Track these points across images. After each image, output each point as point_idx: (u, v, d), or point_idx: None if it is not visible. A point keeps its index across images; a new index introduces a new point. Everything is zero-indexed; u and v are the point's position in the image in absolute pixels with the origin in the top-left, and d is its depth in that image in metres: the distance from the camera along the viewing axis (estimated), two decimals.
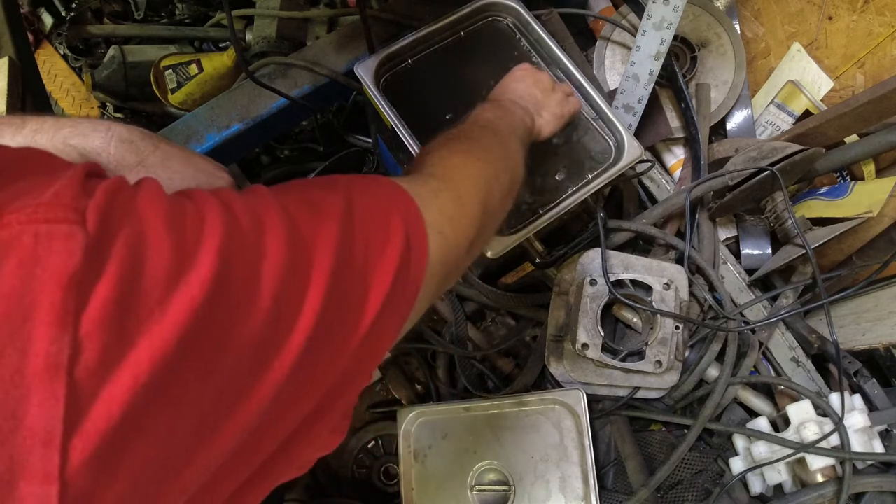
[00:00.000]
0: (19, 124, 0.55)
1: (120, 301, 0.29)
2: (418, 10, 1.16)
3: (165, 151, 0.61)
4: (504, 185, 0.61)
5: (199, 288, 0.31)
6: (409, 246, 0.46)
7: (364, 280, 0.42)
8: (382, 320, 0.43)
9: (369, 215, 0.45)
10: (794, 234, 1.06)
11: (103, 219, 0.30)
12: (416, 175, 0.55)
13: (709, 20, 1.24)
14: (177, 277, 0.31)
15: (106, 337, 0.28)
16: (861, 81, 1.26)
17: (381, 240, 0.44)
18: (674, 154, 1.24)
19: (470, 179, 0.56)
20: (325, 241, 0.40)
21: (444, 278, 0.51)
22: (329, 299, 0.38)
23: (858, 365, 1.03)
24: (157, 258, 0.31)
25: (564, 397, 0.99)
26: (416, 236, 0.47)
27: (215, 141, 1.06)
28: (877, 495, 0.92)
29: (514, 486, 0.95)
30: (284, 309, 0.36)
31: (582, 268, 1.03)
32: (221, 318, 0.33)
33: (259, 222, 0.37)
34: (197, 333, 0.31)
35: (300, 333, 0.37)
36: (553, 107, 0.85)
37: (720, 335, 1.06)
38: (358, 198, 0.46)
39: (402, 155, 1.00)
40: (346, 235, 0.42)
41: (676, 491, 1.01)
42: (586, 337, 0.98)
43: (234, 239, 0.35)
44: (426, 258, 0.47)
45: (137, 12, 1.41)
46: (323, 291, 0.38)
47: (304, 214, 0.41)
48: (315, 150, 1.29)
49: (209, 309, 0.32)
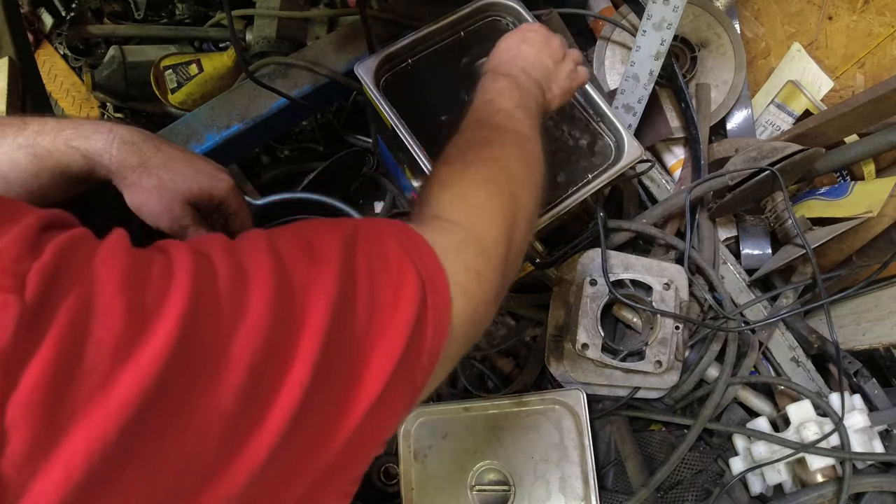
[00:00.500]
0: (21, 126, 0.54)
1: (55, 382, 0.25)
2: (418, 10, 1.16)
3: (167, 153, 0.60)
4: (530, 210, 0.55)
5: (151, 364, 0.27)
6: (425, 305, 0.40)
7: (365, 349, 0.36)
8: (388, 396, 0.37)
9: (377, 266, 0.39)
10: (794, 234, 1.06)
11: (47, 284, 0.26)
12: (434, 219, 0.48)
13: (709, 20, 1.24)
14: (126, 351, 0.27)
15: (36, 424, 0.24)
16: (861, 81, 1.25)
17: (390, 298, 0.38)
18: (674, 154, 1.24)
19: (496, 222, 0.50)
20: (319, 298, 0.35)
21: (470, 339, 0.46)
22: (319, 371, 0.33)
23: (858, 365, 1.03)
24: (104, 329, 0.27)
25: (564, 397, 0.99)
26: (437, 296, 0.41)
27: (215, 141, 1.06)
28: (877, 495, 0.92)
29: (514, 486, 0.95)
30: (262, 383, 0.31)
31: (582, 268, 1.03)
32: (179, 396, 0.28)
33: (242, 276, 0.33)
34: (146, 417, 0.27)
35: (280, 413, 0.31)
36: (562, 80, 0.76)
37: (720, 335, 1.06)
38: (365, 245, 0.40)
39: (402, 155, 1.00)
40: (345, 291, 0.36)
41: (676, 491, 1.01)
42: (586, 337, 0.98)
43: (205, 300, 0.31)
44: (448, 323, 0.41)
45: (137, 12, 1.41)
46: (311, 362, 0.33)
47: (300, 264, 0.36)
48: (315, 150, 1.28)
49: (163, 387, 0.27)
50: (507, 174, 0.54)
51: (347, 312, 0.36)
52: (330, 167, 1.14)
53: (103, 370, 0.26)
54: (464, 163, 0.55)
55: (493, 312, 0.49)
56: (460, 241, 0.46)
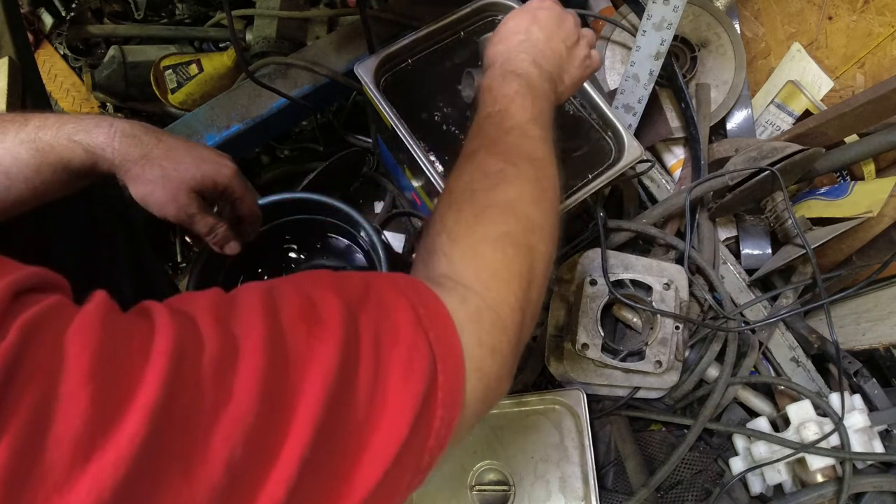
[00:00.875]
0: (22, 122, 0.55)
1: (11, 485, 0.23)
2: (418, 10, 1.16)
3: (169, 144, 0.61)
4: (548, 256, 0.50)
5: (115, 464, 0.25)
6: (436, 385, 0.36)
7: (364, 434, 0.33)
8: (387, 483, 0.34)
9: (385, 340, 0.36)
10: (794, 234, 1.06)
11: (7, 373, 0.24)
12: (447, 280, 0.44)
13: (709, 20, 1.24)
14: (88, 450, 0.25)
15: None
16: (861, 81, 1.25)
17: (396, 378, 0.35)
18: (674, 154, 1.24)
19: (513, 288, 0.45)
20: (315, 378, 0.32)
21: (481, 415, 0.43)
22: (308, 465, 0.30)
23: (858, 365, 1.03)
24: (66, 424, 0.25)
25: (564, 397, 0.99)
26: (449, 375, 0.37)
27: (215, 141, 1.06)
28: (877, 495, 0.92)
29: (514, 486, 0.95)
30: (241, 483, 0.28)
31: (582, 268, 1.03)
32: (146, 497, 0.26)
33: (231, 350, 0.30)
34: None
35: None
36: (574, 69, 0.68)
37: (720, 335, 1.06)
38: (374, 311, 0.37)
39: (402, 155, 1.00)
40: (346, 369, 0.33)
41: (676, 491, 1.01)
42: (586, 337, 0.98)
43: (184, 382, 0.28)
44: (461, 405, 0.38)
45: (137, 12, 1.41)
46: (299, 456, 0.30)
47: (299, 331, 0.33)
48: (315, 150, 1.28)
49: (127, 489, 0.25)
50: (523, 224, 0.48)
51: (346, 394, 0.33)
52: (330, 167, 1.14)
53: (62, 471, 0.24)
54: (475, 209, 0.49)
55: (508, 387, 0.45)
56: (476, 311, 0.42)
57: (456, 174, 0.53)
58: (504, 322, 0.43)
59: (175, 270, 1.22)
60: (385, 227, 1.25)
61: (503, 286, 0.45)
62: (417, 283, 0.41)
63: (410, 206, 1.24)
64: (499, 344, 0.42)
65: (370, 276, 0.41)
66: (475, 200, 0.49)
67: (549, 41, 0.65)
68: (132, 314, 0.31)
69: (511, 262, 0.46)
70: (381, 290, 0.39)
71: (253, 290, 0.36)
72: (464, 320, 0.40)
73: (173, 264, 1.22)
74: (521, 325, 0.45)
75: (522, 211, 0.49)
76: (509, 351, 0.44)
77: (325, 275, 0.40)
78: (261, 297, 0.35)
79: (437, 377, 0.36)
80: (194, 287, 0.91)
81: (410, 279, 0.42)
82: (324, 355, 0.33)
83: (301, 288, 0.37)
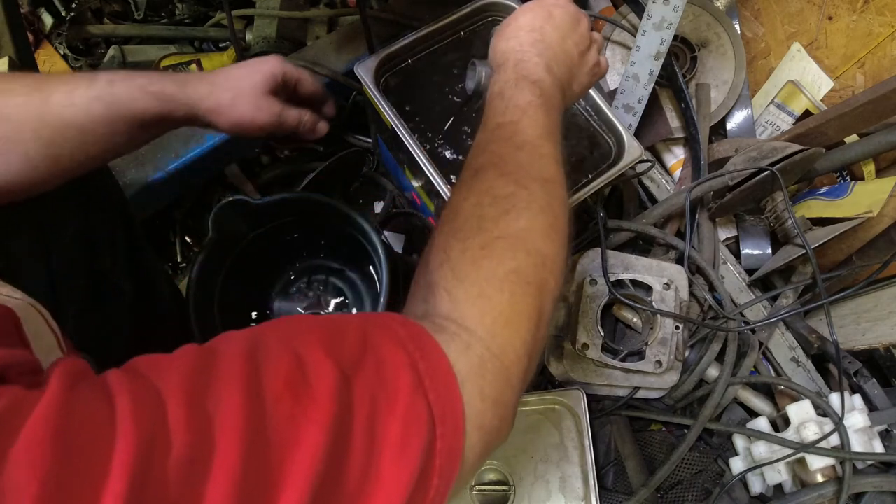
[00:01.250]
0: (90, 79, 0.56)
1: None
2: (418, 10, 1.16)
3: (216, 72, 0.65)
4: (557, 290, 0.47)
5: None
6: (433, 452, 0.34)
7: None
8: None
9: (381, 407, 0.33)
10: (794, 234, 1.06)
11: None
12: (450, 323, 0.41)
13: (709, 20, 1.24)
14: None
15: None
16: (861, 81, 1.25)
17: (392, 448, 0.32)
18: (674, 154, 1.24)
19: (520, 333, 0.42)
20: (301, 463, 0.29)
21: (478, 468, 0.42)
22: None
23: (858, 365, 1.03)
24: None
25: (564, 397, 0.99)
26: (449, 439, 0.35)
27: (215, 141, 1.06)
28: (877, 495, 0.92)
29: (514, 486, 0.95)
30: None
31: (582, 268, 1.03)
32: None
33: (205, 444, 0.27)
34: None
35: None
36: (584, 76, 0.65)
37: (720, 335, 1.06)
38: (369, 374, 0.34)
39: (402, 155, 1.00)
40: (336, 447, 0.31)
41: (676, 491, 1.01)
42: (586, 337, 0.98)
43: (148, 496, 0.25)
44: (459, 464, 0.36)
45: (137, 12, 1.41)
46: None
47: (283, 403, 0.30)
48: (315, 150, 1.28)
49: None
50: (533, 258, 0.45)
51: (335, 475, 0.30)
52: (330, 167, 1.14)
53: None
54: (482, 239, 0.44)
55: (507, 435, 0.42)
56: (479, 361, 0.39)
57: (461, 194, 0.49)
58: (508, 371, 0.41)
59: (175, 270, 1.22)
60: (385, 227, 1.25)
61: (510, 331, 0.42)
62: (419, 332, 0.38)
63: (410, 206, 1.24)
64: (502, 396, 0.40)
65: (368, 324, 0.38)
66: (483, 229, 0.45)
67: (563, 44, 0.61)
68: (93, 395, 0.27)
69: (519, 302, 0.43)
70: (380, 346, 0.36)
71: (235, 350, 0.32)
72: (466, 372, 0.38)
73: (173, 264, 1.22)
74: (526, 371, 0.43)
75: (533, 243, 0.45)
76: (512, 400, 0.42)
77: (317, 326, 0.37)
78: (243, 360, 0.31)
79: (436, 443, 0.34)
80: (195, 287, 0.91)
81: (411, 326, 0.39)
82: (311, 436, 0.30)
83: (290, 344, 0.34)
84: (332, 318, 0.38)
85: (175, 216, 1.22)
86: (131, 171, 1.00)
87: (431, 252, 0.46)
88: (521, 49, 0.59)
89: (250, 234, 1.00)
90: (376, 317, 0.40)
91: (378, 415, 0.33)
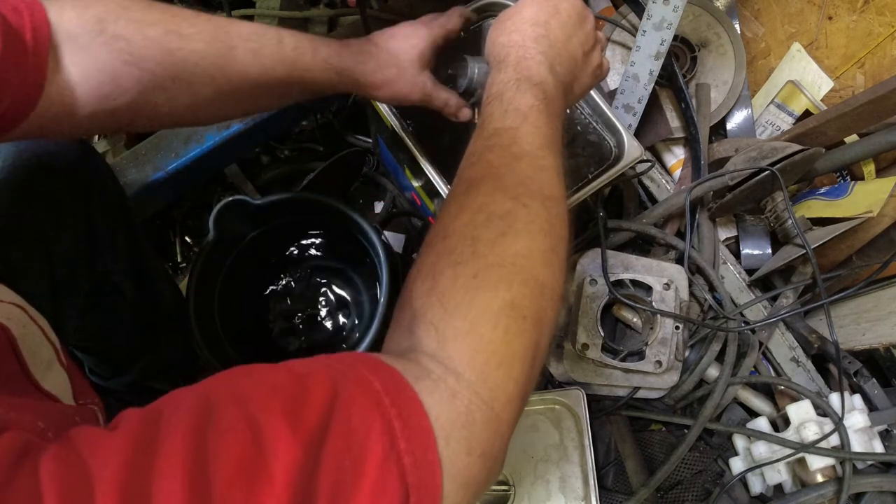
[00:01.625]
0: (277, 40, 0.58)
1: None
2: (418, 10, 1.15)
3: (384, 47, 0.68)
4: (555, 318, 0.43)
5: None
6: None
7: None
8: None
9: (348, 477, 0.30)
10: (794, 234, 1.06)
11: None
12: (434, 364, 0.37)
13: (709, 20, 1.24)
14: None
15: None
16: (861, 81, 1.25)
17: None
18: (674, 154, 1.24)
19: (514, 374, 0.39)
20: None
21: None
22: None
23: (858, 365, 1.03)
24: None
25: (564, 397, 0.99)
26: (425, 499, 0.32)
27: (215, 141, 1.06)
28: (877, 495, 0.92)
29: (514, 486, 0.95)
30: None
31: (582, 268, 1.03)
32: None
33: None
34: None
35: None
36: (586, 77, 0.62)
37: (720, 335, 1.06)
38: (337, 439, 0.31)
39: (402, 155, 1.00)
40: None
41: (676, 491, 1.01)
42: (586, 337, 0.98)
43: None
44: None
45: None
46: None
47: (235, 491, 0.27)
48: (315, 150, 1.28)
49: None
50: (531, 287, 0.41)
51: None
52: (330, 167, 1.14)
53: None
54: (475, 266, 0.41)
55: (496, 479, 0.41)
56: (466, 412, 0.36)
57: (454, 209, 0.45)
58: (499, 418, 0.37)
59: (175, 270, 1.22)
60: (385, 227, 1.25)
61: (502, 373, 0.38)
62: (396, 383, 0.35)
63: (410, 206, 1.24)
64: (490, 448, 0.37)
65: (338, 377, 0.34)
66: (477, 253, 0.41)
67: (568, 43, 0.58)
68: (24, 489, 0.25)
69: (514, 340, 0.39)
70: (351, 405, 0.33)
71: (182, 422, 0.28)
72: (451, 425, 0.35)
73: (173, 264, 1.22)
74: (517, 413, 0.39)
75: (531, 271, 0.41)
76: (501, 448, 0.38)
77: (280, 385, 0.32)
78: (190, 436, 0.28)
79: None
80: (195, 287, 0.91)
81: (388, 375, 0.35)
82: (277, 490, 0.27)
83: (246, 409, 0.30)
84: (298, 374, 0.34)
85: (175, 216, 1.22)
86: (131, 171, 1.00)
87: (419, 275, 0.43)
88: (524, 45, 0.55)
89: (250, 234, 1.00)
90: (349, 366, 0.35)
91: (343, 493, 0.30)
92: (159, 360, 0.93)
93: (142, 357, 0.89)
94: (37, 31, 0.46)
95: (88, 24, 0.49)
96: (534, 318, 0.40)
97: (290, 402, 0.31)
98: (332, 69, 0.61)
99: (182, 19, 0.53)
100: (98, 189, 0.72)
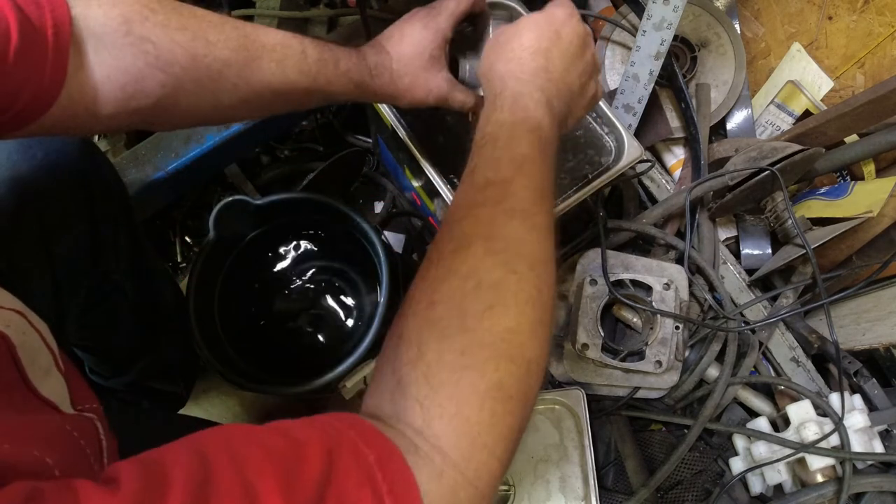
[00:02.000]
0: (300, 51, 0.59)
1: None
2: None
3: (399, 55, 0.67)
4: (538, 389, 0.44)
5: None
6: None
7: None
8: None
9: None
10: (794, 234, 1.06)
11: None
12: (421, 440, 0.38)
13: (709, 20, 1.24)
14: None
15: None
16: (861, 81, 1.26)
17: None
18: (674, 154, 1.24)
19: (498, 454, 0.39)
20: None
21: None
22: None
23: (858, 365, 1.03)
24: None
25: (564, 397, 0.99)
26: None
27: (215, 141, 1.06)
28: (877, 495, 0.92)
29: (514, 486, 0.95)
30: None
31: (582, 268, 1.03)
32: None
33: None
34: None
35: None
36: (580, 109, 0.62)
37: (720, 335, 1.06)
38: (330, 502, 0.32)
39: (402, 155, 1.00)
40: None
41: (676, 491, 1.01)
42: (586, 337, 0.98)
43: None
44: None
45: None
46: None
47: None
48: (315, 150, 1.28)
49: None
50: (517, 366, 0.41)
51: None
52: (330, 167, 1.14)
53: None
54: (462, 342, 0.41)
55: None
56: (452, 490, 0.37)
57: (441, 272, 0.44)
58: (482, 495, 0.38)
59: (175, 270, 1.22)
60: (385, 227, 1.25)
61: (486, 453, 0.38)
62: (389, 454, 0.36)
63: (410, 206, 1.24)
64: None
65: (333, 445, 0.35)
66: (464, 328, 0.41)
67: (566, 75, 0.57)
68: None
69: (499, 423, 0.39)
70: (345, 478, 0.33)
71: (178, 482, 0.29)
72: (438, 502, 0.36)
73: (173, 264, 1.22)
74: (498, 483, 0.40)
75: (519, 347, 0.42)
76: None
77: (275, 452, 0.33)
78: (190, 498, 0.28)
79: None
80: (195, 287, 0.91)
81: (382, 446, 0.36)
82: None
83: (242, 474, 0.31)
84: (293, 439, 0.34)
85: (175, 216, 1.22)
86: (131, 171, 1.00)
87: (402, 339, 0.42)
88: (522, 78, 0.55)
89: (250, 234, 1.00)
90: (344, 434, 0.36)
91: None
92: (159, 359, 0.92)
93: (142, 357, 0.89)
94: (58, 28, 0.45)
95: (115, 23, 0.48)
96: (519, 399, 0.41)
97: (284, 472, 0.32)
98: (352, 82, 0.63)
99: (209, 25, 0.53)
100: (102, 188, 0.72)
